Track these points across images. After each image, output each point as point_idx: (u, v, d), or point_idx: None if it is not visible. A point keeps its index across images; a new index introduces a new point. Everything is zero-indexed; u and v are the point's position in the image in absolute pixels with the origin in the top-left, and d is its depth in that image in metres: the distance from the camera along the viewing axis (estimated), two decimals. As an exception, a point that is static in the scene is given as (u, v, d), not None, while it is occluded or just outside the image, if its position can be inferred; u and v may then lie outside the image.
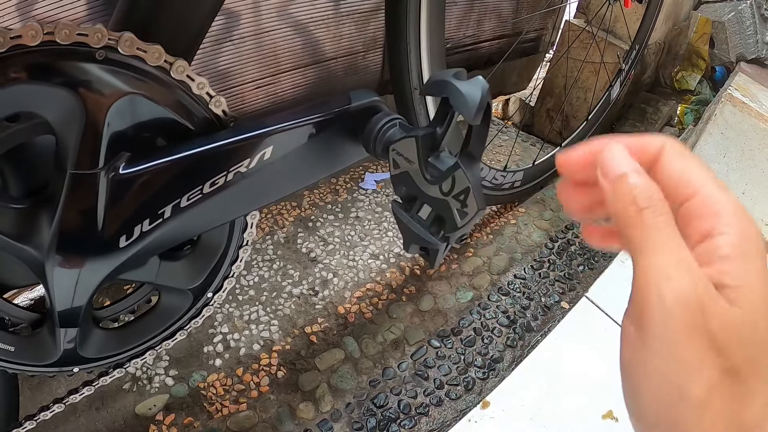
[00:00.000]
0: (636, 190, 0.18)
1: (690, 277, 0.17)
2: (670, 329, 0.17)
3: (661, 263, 0.17)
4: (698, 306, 0.17)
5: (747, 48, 1.56)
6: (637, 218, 0.18)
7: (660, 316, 0.17)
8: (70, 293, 0.40)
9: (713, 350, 0.17)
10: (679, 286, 0.17)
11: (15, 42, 0.29)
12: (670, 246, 0.18)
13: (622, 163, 0.19)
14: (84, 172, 0.34)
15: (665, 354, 0.17)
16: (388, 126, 0.39)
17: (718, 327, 0.17)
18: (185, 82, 0.35)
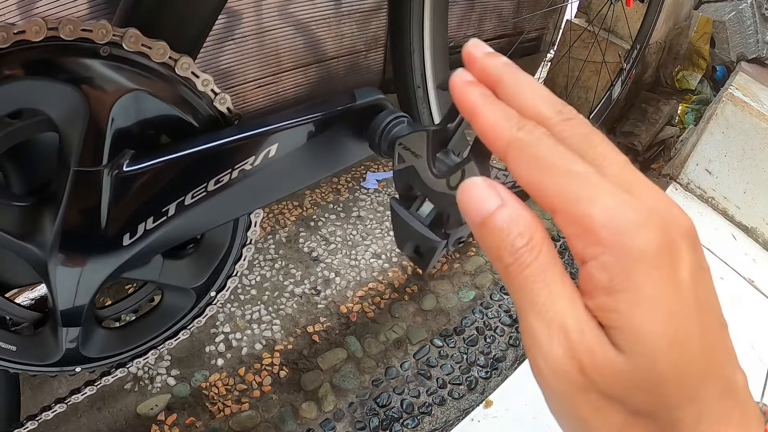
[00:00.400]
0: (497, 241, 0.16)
1: (562, 341, 0.15)
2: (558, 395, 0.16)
3: (533, 327, 0.16)
4: (577, 369, 0.15)
5: (748, 47, 1.56)
6: (505, 276, 0.16)
7: (544, 385, 0.16)
8: (72, 292, 0.39)
9: (609, 402, 0.15)
10: (550, 353, 0.15)
11: (18, 37, 0.29)
12: (540, 303, 0.15)
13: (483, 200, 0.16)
14: (87, 170, 0.34)
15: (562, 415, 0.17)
16: (394, 123, 0.39)
17: (602, 380, 0.15)
18: (190, 78, 0.34)
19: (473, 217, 0.16)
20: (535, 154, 0.16)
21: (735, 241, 1.16)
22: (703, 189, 1.26)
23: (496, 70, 0.18)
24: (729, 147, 1.22)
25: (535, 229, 0.16)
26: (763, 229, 1.18)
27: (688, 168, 1.27)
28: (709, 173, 1.25)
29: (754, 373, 0.82)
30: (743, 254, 1.12)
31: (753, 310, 0.98)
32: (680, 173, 1.28)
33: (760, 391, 0.81)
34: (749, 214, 1.20)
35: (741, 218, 1.21)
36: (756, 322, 0.94)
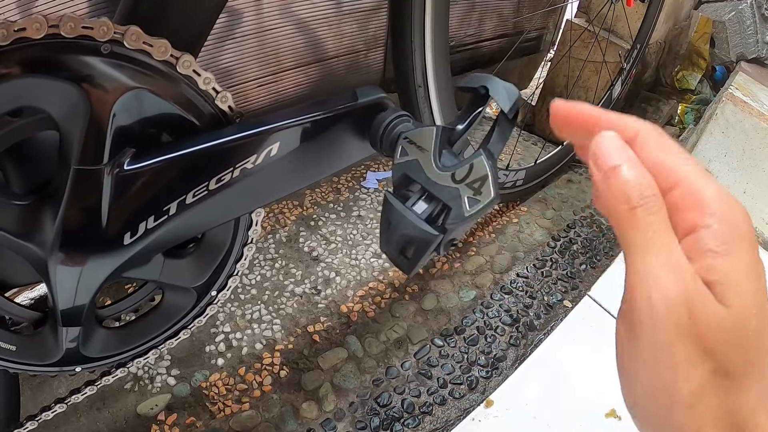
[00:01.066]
0: (628, 186, 0.18)
1: (678, 279, 0.17)
2: (659, 332, 0.17)
3: (651, 264, 0.17)
4: (686, 308, 0.16)
5: (747, 47, 1.56)
6: (628, 216, 0.17)
7: (649, 319, 0.17)
8: (72, 291, 0.39)
9: (701, 352, 0.17)
10: (667, 289, 0.17)
11: (19, 35, 0.28)
12: (660, 246, 0.17)
13: (614, 154, 0.18)
14: (88, 168, 0.33)
15: (654, 356, 0.17)
16: (396, 122, 0.39)
17: (705, 329, 0.16)
18: (191, 77, 0.34)
19: (608, 162, 0.18)
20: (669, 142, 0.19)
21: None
22: (703, 189, 1.26)
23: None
24: (729, 147, 1.22)
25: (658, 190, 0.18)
26: (763, 228, 1.18)
27: (688, 168, 1.27)
28: (709, 173, 1.25)
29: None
30: (743, 254, 1.12)
31: (753, 310, 0.98)
32: (680, 173, 1.28)
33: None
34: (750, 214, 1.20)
35: (741, 218, 1.21)
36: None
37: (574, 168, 1.25)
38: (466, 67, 1.21)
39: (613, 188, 0.18)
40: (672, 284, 0.17)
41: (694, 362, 0.17)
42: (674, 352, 0.17)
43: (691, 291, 0.17)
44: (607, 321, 0.84)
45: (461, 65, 1.20)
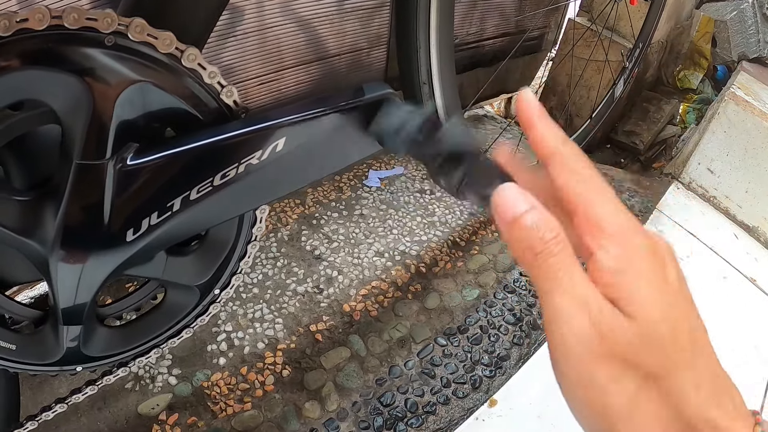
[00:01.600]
0: (530, 234, 0.19)
1: (584, 310, 0.18)
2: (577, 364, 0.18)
3: (558, 306, 0.18)
4: (597, 337, 0.18)
5: (749, 47, 1.56)
6: (533, 263, 0.19)
7: (565, 355, 0.18)
8: (73, 289, 0.38)
9: (624, 367, 0.18)
10: (574, 323, 0.18)
11: (21, 26, 0.28)
12: (564, 284, 0.18)
13: (515, 204, 0.19)
14: (90, 163, 0.33)
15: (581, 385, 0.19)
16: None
17: (619, 347, 0.18)
18: (196, 70, 0.34)
19: (507, 215, 0.19)
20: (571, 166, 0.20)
21: (737, 240, 1.16)
22: (705, 188, 1.26)
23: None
24: (731, 146, 1.22)
25: (560, 229, 0.19)
26: (765, 228, 1.18)
27: (689, 167, 1.27)
28: (711, 172, 1.25)
29: (756, 372, 0.82)
30: (745, 253, 1.12)
31: (755, 310, 0.97)
32: (682, 172, 1.28)
33: (762, 390, 0.81)
34: (751, 213, 1.20)
35: (743, 217, 1.21)
36: (758, 322, 0.94)
37: (576, 167, 1.24)
38: (468, 65, 1.21)
39: (517, 238, 0.19)
40: (578, 317, 0.18)
41: (619, 378, 0.18)
42: (598, 376, 0.18)
43: (597, 317, 0.18)
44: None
45: (463, 63, 1.20)
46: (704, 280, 0.99)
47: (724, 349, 0.86)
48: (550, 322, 0.19)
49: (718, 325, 0.88)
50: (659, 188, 1.23)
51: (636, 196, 1.18)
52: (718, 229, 1.17)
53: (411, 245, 0.92)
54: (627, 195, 1.18)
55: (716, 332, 0.83)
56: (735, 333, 0.88)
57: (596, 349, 0.18)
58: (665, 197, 1.19)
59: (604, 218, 0.19)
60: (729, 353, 0.83)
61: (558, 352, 0.19)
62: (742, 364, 0.82)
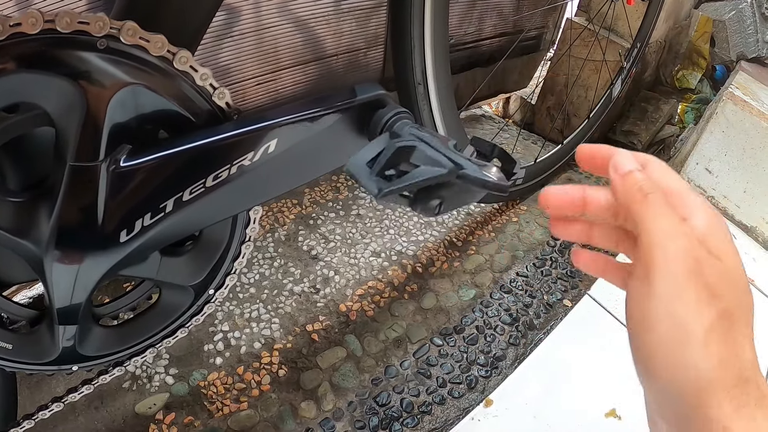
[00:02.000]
0: (641, 182, 0.23)
1: (686, 236, 0.22)
2: (675, 276, 0.21)
3: (664, 227, 0.22)
4: (694, 258, 0.21)
5: (747, 47, 1.56)
6: (642, 200, 0.23)
7: (666, 267, 0.21)
8: (69, 289, 0.39)
9: (709, 294, 0.21)
10: (679, 242, 0.21)
11: (14, 30, 0.28)
12: (668, 216, 0.22)
13: (629, 163, 0.24)
14: (84, 165, 0.33)
15: (672, 297, 0.21)
16: (395, 119, 0.39)
17: (710, 274, 0.21)
18: (188, 72, 0.34)
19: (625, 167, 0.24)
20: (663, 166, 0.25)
21: (735, 240, 1.16)
22: (703, 188, 1.26)
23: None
24: (729, 146, 1.22)
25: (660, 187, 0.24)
26: (763, 228, 1.18)
27: (688, 167, 1.27)
28: (709, 172, 1.25)
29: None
30: (743, 253, 1.11)
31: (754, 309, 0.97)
32: (680, 172, 1.28)
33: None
34: (749, 213, 1.20)
35: (741, 217, 1.21)
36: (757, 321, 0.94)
37: (574, 167, 1.25)
38: (466, 65, 1.21)
39: (630, 183, 0.24)
40: (682, 239, 0.21)
41: (704, 303, 0.21)
42: (688, 293, 0.21)
43: (695, 246, 0.21)
44: (606, 320, 0.84)
45: (461, 63, 1.20)
46: (701, 280, 0.98)
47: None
48: (656, 239, 0.22)
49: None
50: (657, 188, 1.23)
51: (634, 196, 1.18)
52: (715, 229, 1.17)
53: (407, 245, 0.92)
54: (624, 195, 1.17)
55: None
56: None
57: (693, 269, 0.21)
58: (663, 197, 1.19)
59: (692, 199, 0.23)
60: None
61: (659, 262, 0.21)
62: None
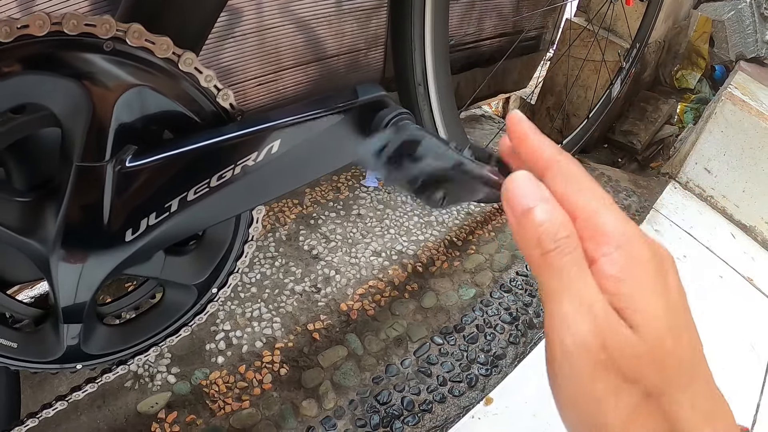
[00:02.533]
0: (541, 229, 0.18)
1: (590, 317, 0.17)
2: (577, 372, 0.17)
3: (563, 310, 0.17)
4: (600, 346, 0.17)
5: (746, 47, 1.57)
6: (541, 261, 0.18)
7: (566, 362, 0.17)
8: (74, 288, 0.39)
9: (625, 381, 0.17)
10: (578, 330, 0.17)
11: (22, 32, 0.29)
12: (573, 288, 0.17)
13: (527, 195, 0.18)
14: (90, 165, 0.33)
15: (579, 395, 0.18)
16: (397, 120, 0.39)
17: (622, 359, 0.17)
18: (193, 74, 0.34)
19: (521, 204, 0.18)
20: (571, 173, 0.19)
21: (734, 239, 1.16)
22: (702, 188, 1.26)
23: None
24: (728, 146, 1.22)
25: (573, 227, 0.18)
26: (761, 227, 1.19)
27: (687, 167, 1.27)
28: (708, 172, 1.25)
29: (753, 372, 0.82)
30: (742, 253, 1.12)
31: (752, 309, 0.98)
32: (679, 172, 1.28)
33: (758, 390, 0.81)
34: (748, 213, 1.20)
35: (740, 217, 1.21)
36: (755, 321, 0.94)
37: (574, 167, 1.25)
38: (466, 65, 1.22)
39: (527, 232, 0.18)
40: (583, 324, 0.17)
41: (619, 392, 0.17)
42: (596, 388, 0.17)
43: (602, 326, 0.17)
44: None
45: (461, 64, 1.20)
46: (701, 279, 0.99)
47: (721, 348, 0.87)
48: (552, 327, 0.18)
49: (714, 324, 0.89)
50: (656, 188, 1.24)
51: (633, 195, 1.19)
52: (715, 228, 1.17)
53: (408, 245, 0.93)
54: (624, 194, 1.18)
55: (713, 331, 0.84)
56: (732, 332, 0.88)
57: (599, 359, 0.17)
58: (662, 197, 1.19)
59: (607, 226, 0.18)
60: (725, 352, 0.83)
61: (557, 358, 0.18)
62: (739, 362, 0.82)
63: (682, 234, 1.10)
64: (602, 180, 1.23)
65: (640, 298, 0.17)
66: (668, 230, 1.09)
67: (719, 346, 0.83)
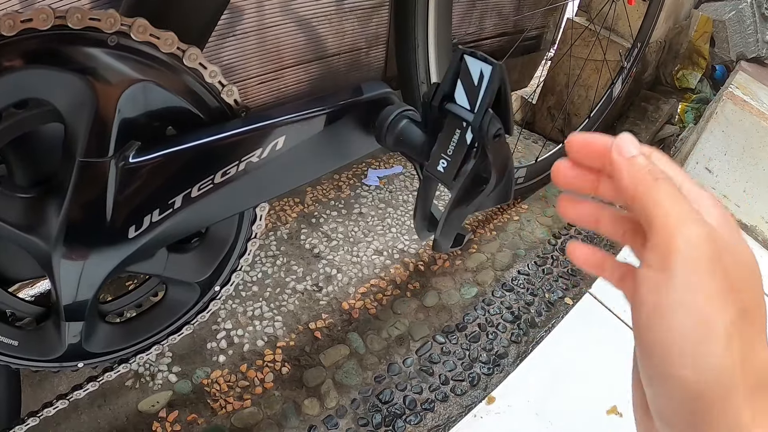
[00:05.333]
0: (651, 165, 0.21)
1: (704, 225, 0.20)
2: (697, 263, 0.19)
3: (681, 212, 0.20)
4: (714, 243, 0.19)
5: (747, 47, 1.57)
6: (654, 185, 0.21)
7: (688, 252, 0.19)
8: (76, 286, 0.39)
9: (730, 288, 0.19)
10: (699, 228, 0.19)
11: (26, 26, 0.28)
12: (683, 200, 0.20)
13: (635, 147, 0.22)
14: (93, 161, 0.33)
15: (694, 286, 0.19)
16: (401, 117, 0.39)
17: (732, 264, 0.19)
18: (198, 70, 0.34)
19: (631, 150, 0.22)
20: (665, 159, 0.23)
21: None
22: (703, 187, 1.26)
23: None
24: (729, 146, 1.22)
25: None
26: (762, 227, 1.19)
27: (687, 166, 1.27)
28: (709, 172, 1.25)
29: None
30: (743, 252, 1.12)
31: (753, 308, 0.98)
32: (680, 172, 1.28)
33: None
34: (749, 213, 1.21)
35: (741, 217, 1.21)
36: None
37: (575, 166, 1.25)
38: (467, 65, 1.21)
39: (638, 167, 0.21)
40: (701, 224, 0.19)
41: (726, 296, 0.19)
42: (710, 283, 0.19)
43: (714, 232, 0.19)
44: (607, 318, 0.84)
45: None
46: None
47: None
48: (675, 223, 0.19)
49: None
50: (657, 187, 1.23)
51: (634, 195, 1.18)
52: (715, 228, 1.17)
53: (410, 243, 0.93)
54: (625, 194, 1.18)
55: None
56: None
57: (714, 256, 0.19)
58: (663, 196, 1.19)
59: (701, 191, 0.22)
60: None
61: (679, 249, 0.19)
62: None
63: (683, 233, 1.10)
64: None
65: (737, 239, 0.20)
66: (669, 230, 1.09)
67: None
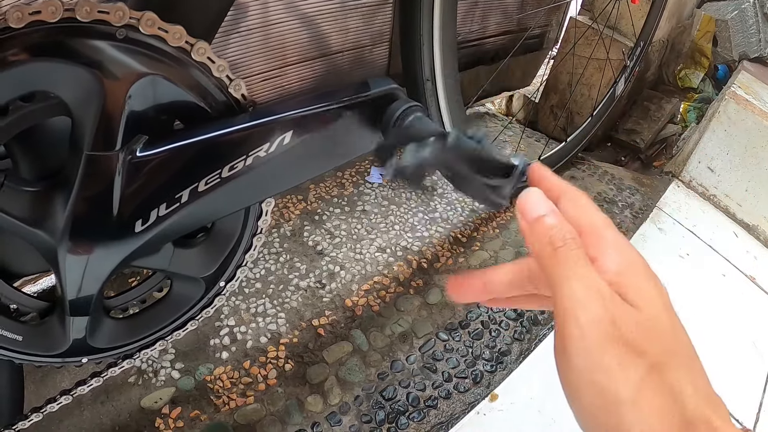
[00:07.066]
0: (552, 231, 0.21)
1: (599, 299, 0.20)
2: (591, 349, 0.19)
3: (574, 291, 0.20)
4: (610, 320, 0.19)
5: (750, 46, 1.57)
6: (553, 254, 0.21)
7: (579, 336, 0.20)
8: (81, 280, 0.39)
9: (633, 353, 0.19)
10: (590, 308, 0.20)
11: (34, 18, 0.28)
12: (580, 274, 0.20)
13: (539, 206, 0.22)
14: (100, 154, 0.33)
15: (591, 369, 0.19)
16: (408, 113, 0.39)
17: (630, 332, 0.19)
18: (206, 64, 0.34)
19: (534, 213, 0.22)
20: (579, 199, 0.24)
21: (736, 238, 1.16)
22: (705, 187, 1.26)
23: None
24: (731, 145, 1.22)
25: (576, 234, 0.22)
26: (764, 226, 1.19)
27: (690, 165, 1.27)
28: (711, 171, 1.25)
29: (755, 371, 0.83)
30: (745, 252, 1.12)
31: (754, 308, 0.98)
32: (682, 171, 1.28)
33: (761, 386, 0.81)
34: (751, 212, 1.21)
35: (743, 216, 1.21)
36: (757, 320, 0.95)
37: (577, 165, 1.25)
38: (470, 63, 1.21)
39: (539, 234, 0.22)
40: (594, 302, 0.20)
41: (627, 364, 0.19)
42: (608, 360, 0.19)
43: (610, 304, 0.20)
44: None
45: (465, 61, 1.20)
46: (704, 277, 0.99)
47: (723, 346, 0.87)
48: (565, 307, 0.20)
49: (717, 321, 0.89)
50: (660, 186, 1.24)
51: (636, 194, 1.19)
52: (717, 227, 1.17)
53: (413, 241, 0.93)
54: (628, 192, 1.18)
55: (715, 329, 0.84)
56: (734, 330, 0.88)
57: (609, 332, 0.19)
58: (665, 195, 1.19)
59: (607, 237, 0.22)
60: (727, 350, 0.83)
61: (573, 335, 0.20)
62: (741, 361, 0.82)
63: (685, 232, 1.10)
64: (606, 178, 1.23)
65: (638, 283, 0.20)
66: (671, 228, 1.09)
67: (721, 344, 0.83)
